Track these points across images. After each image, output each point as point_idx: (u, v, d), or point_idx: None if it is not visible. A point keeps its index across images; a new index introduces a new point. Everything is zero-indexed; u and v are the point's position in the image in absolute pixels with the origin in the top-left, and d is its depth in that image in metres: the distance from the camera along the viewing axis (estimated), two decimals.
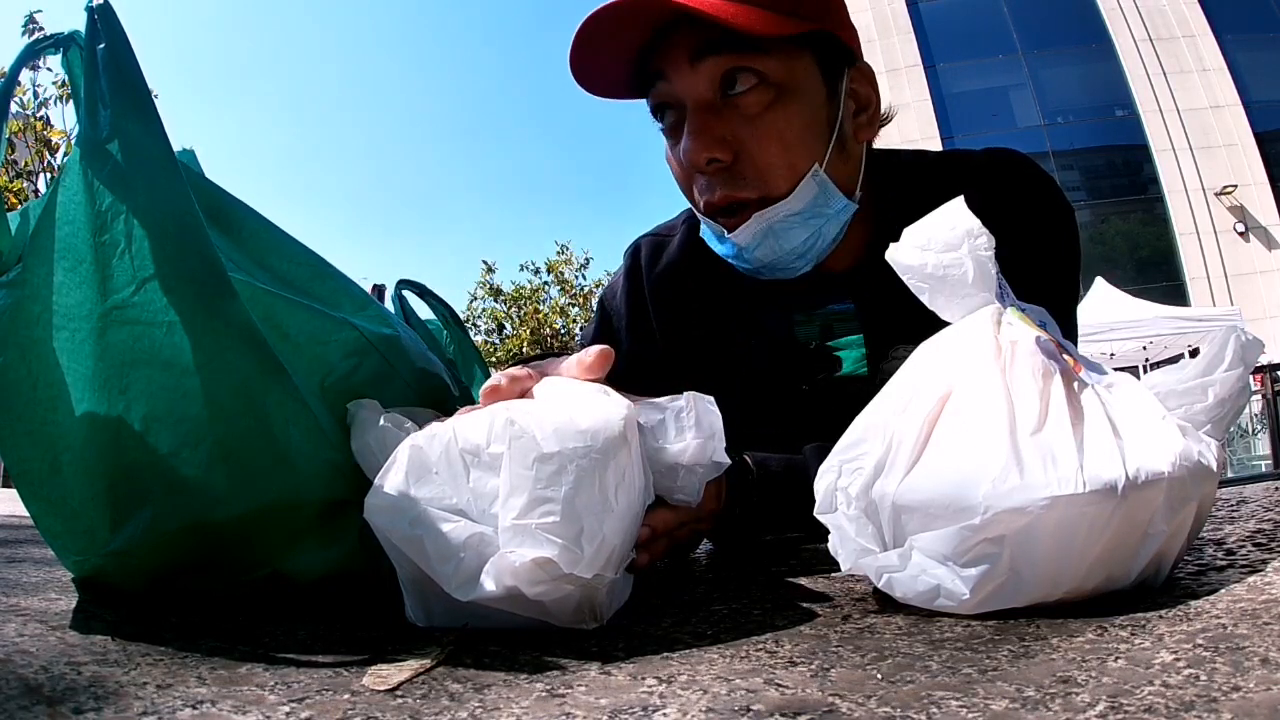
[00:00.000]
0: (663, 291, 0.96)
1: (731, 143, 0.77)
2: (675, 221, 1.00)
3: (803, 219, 0.79)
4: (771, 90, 0.77)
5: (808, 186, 0.78)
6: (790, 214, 0.78)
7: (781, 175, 0.78)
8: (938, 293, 0.55)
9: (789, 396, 0.88)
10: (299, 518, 0.54)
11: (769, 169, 0.77)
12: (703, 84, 0.77)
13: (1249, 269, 12.72)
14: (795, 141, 0.78)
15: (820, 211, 0.79)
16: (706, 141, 0.76)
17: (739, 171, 0.78)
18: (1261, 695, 0.30)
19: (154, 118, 0.52)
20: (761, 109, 0.77)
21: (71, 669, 0.39)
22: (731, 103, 0.77)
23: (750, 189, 0.78)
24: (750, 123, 0.77)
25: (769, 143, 0.77)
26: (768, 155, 0.77)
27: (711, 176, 0.78)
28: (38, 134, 6.47)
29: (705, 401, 0.56)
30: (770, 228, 0.78)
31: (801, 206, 0.78)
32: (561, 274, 14.95)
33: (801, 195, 0.78)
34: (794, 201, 0.78)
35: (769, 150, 0.77)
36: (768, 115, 0.77)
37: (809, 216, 0.79)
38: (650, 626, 0.49)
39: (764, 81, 0.76)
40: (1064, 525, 0.44)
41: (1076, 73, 14.06)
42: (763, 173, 0.77)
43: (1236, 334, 0.53)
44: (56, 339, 0.52)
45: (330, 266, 0.63)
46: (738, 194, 0.78)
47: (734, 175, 0.78)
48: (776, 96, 0.77)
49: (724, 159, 0.77)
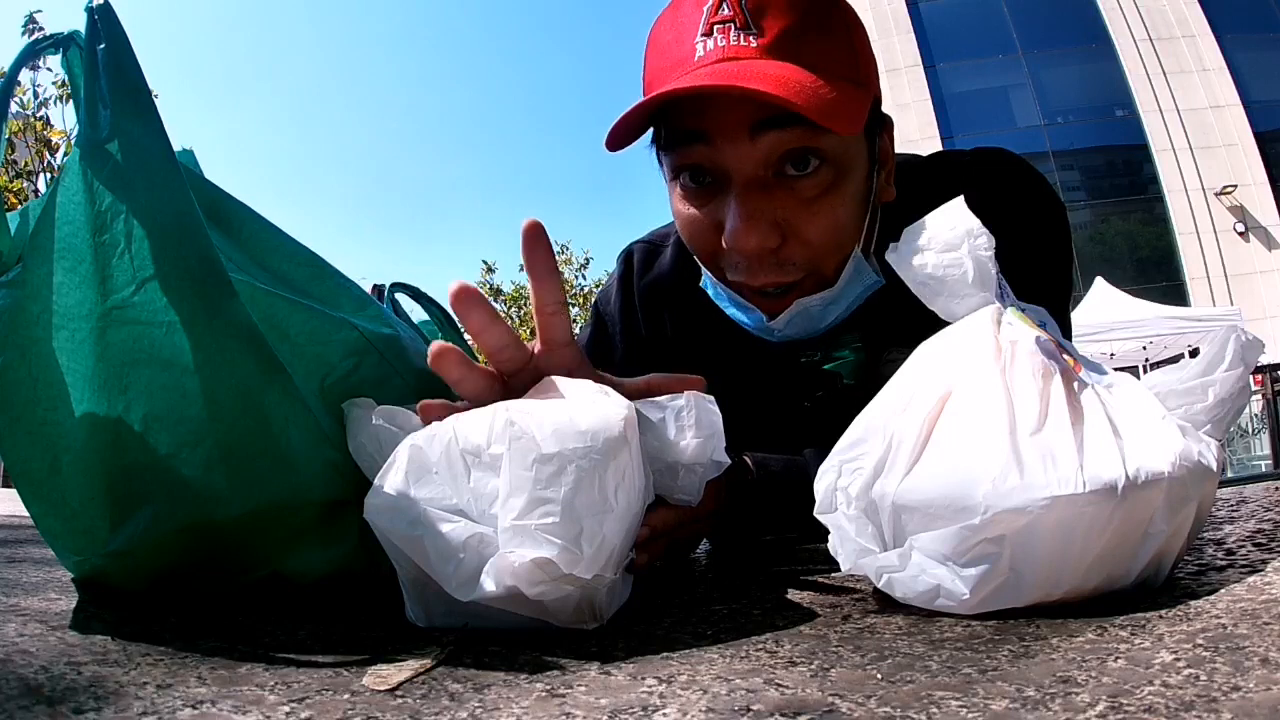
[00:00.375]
0: (652, 303, 0.94)
1: (782, 226, 0.70)
2: (670, 229, 0.97)
3: (837, 300, 0.75)
4: (831, 171, 0.70)
5: (848, 269, 0.74)
6: (827, 299, 0.74)
7: (831, 261, 0.73)
8: (938, 293, 0.55)
9: (789, 412, 0.87)
10: (299, 518, 0.54)
11: (821, 254, 0.72)
12: (758, 160, 0.69)
13: (1249, 269, 12.72)
14: (847, 224, 0.72)
15: (853, 290, 0.76)
16: (761, 228, 0.69)
17: (786, 256, 0.71)
18: (1261, 695, 0.30)
19: (154, 118, 0.52)
20: (820, 192, 0.70)
21: (71, 669, 0.39)
22: (786, 183, 0.70)
23: (795, 272, 0.72)
24: (806, 207, 0.70)
25: (825, 229, 0.71)
26: (823, 241, 0.71)
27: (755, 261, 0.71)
28: (38, 134, 6.47)
29: (705, 400, 0.56)
30: (806, 311, 0.74)
31: (840, 291, 0.74)
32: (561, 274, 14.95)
33: (842, 279, 0.74)
34: (835, 288, 0.74)
35: (824, 236, 0.71)
36: (825, 200, 0.70)
37: (844, 297, 0.75)
38: (650, 626, 0.49)
39: (824, 162, 0.69)
40: (1064, 525, 0.44)
41: (1076, 73, 14.06)
42: (813, 259, 0.72)
43: (1237, 334, 0.53)
44: (56, 339, 0.52)
45: (330, 266, 0.63)
46: (784, 279, 0.72)
47: (781, 260, 0.71)
48: (835, 178, 0.70)
49: (775, 245, 0.70)
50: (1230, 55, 13.26)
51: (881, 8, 14.48)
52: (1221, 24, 13.42)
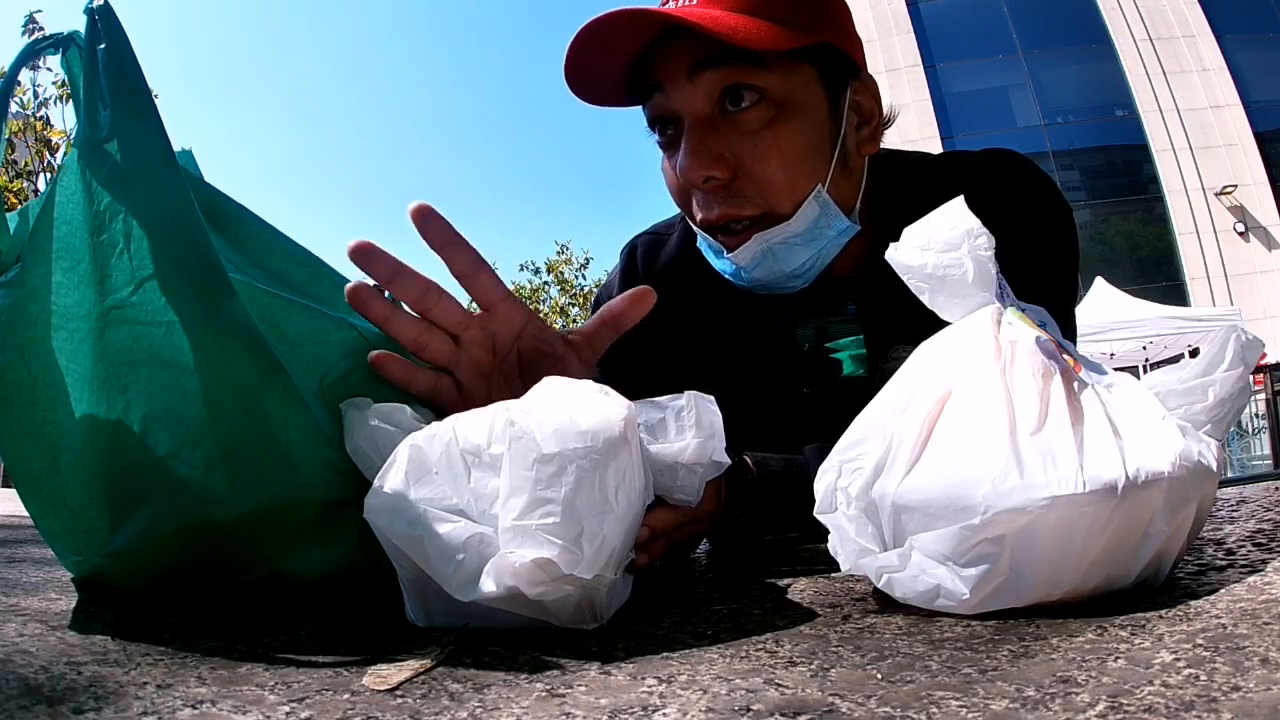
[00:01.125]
0: (659, 291, 0.96)
1: (730, 160, 0.75)
2: (673, 221, 0.99)
3: (804, 241, 0.77)
4: (772, 107, 0.75)
5: (810, 208, 0.77)
6: (791, 236, 0.77)
7: (783, 194, 0.76)
8: (938, 293, 0.55)
9: (789, 399, 0.88)
10: (299, 518, 0.54)
11: (770, 187, 0.76)
12: (700, 99, 0.75)
13: (1249, 269, 12.72)
14: (796, 159, 0.76)
15: (821, 234, 0.78)
16: (704, 159, 0.75)
17: (738, 189, 0.76)
18: (1261, 695, 0.30)
19: (153, 118, 0.52)
20: (761, 125, 0.75)
21: (71, 669, 0.39)
22: (731, 119, 0.75)
23: (751, 206, 0.76)
24: (750, 139, 0.75)
25: (770, 161, 0.75)
26: (768, 173, 0.75)
27: (709, 194, 0.77)
28: (38, 134, 6.47)
29: (705, 400, 0.56)
30: (770, 249, 0.77)
31: (803, 228, 0.77)
32: (561, 274, 14.95)
33: (804, 217, 0.76)
34: (796, 223, 0.76)
35: (770, 168, 0.75)
36: (768, 132, 0.75)
37: (810, 239, 0.77)
38: (650, 626, 0.49)
39: (764, 98, 0.75)
40: (1064, 525, 0.44)
41: (1076, 73, 14.06)
42: (764, 190, 0.76)
43: (1237, 334, 0.53)
44: (55, 339, 0.52)
45: (328, 266, 0.63)
46: (739, 212, 0.76)
47: (733, 193, 0.76)
48: (778, 113, 0.75)
49: (722, 177, 0.75)
50: (1230, 55, 13.26)
51: (881, 8, 14.48)
52: (1221, 24, 13.42)
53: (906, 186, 0.83)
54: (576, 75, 0.78)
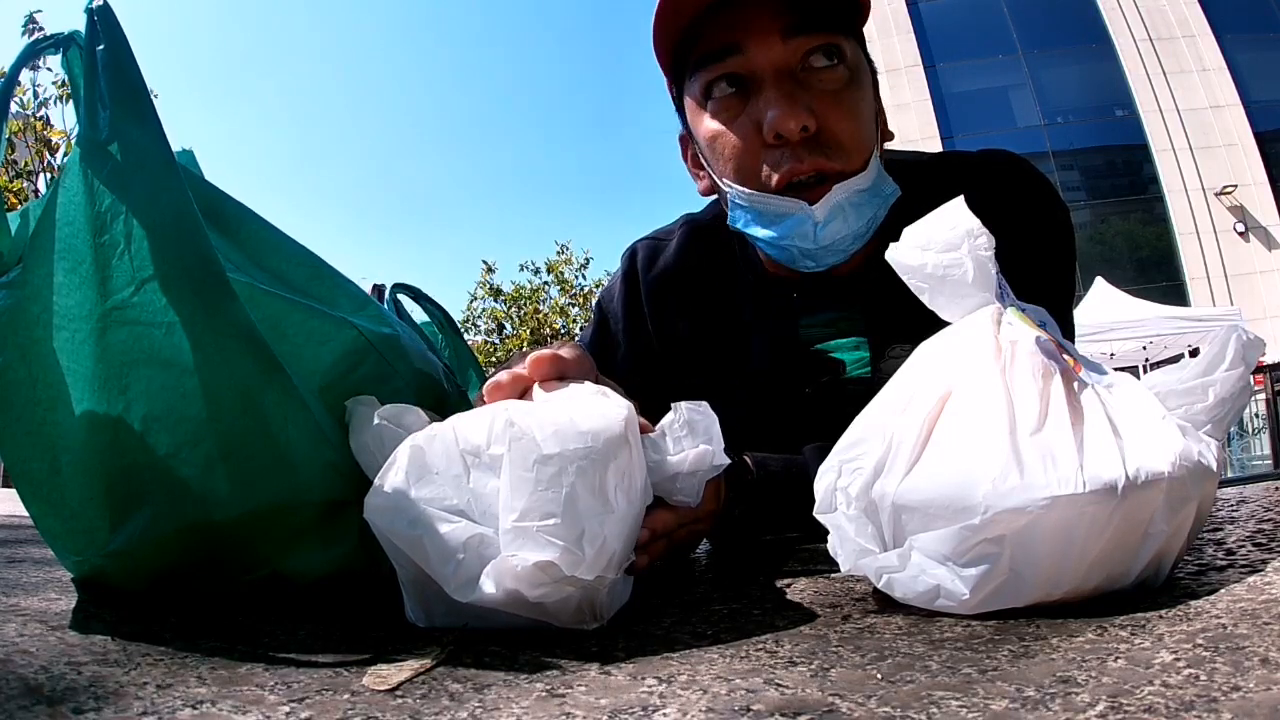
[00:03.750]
0: (659, 295, 0.96)
1: (816, 114, 0.78)
2: (672, 226, 1.00)
3: (869, 197, 0.79)
4: (848, 71, 0.79)
5: (874, 164, 0.80)
6: (861, 190, 0.79)
7: (858, 151, 0.79)
8: (938, 293, 0.55)
9: (791, 400, 0.88)
10: (298, 518, 0.54)
11: (850, 143, 0.79)
12: (789, 56, 0.78)
13: (1249, 269, 12.71)
14: (866, 121, 0.81)
15: (880, 191, 0.80)
16: (797, 110, 0.76)
17: (824, 141, 0.78)
18: (1261, 695, 0.30)
19: (153, 118, 0.52)
20: (840, 86, 0.79)
21: (71, 669, 0.39)
22: (813, 76, 0.78)
23: (836, 160, 0.78)
24: (832, 98, 0.78)
25: (849, 119, 0.79)
26: (849, 130, 0.79)
27: (798, 146, 0.78)
28: (38, 134, 6.47)
29: (696, 409, 0.56)
30: (846, 202, 0.78)
31: (870, 183, 0.79)
32: (561, 274, 14.95)
33: (870, 172, 0.79)
34: (865, 176, 0.79)
35: (850, 126, 0.79)
36: (847, 93, 0.79)
37: (873, 195, 0.80)
38: (650, 626, 0.49)
39: (843, 61, 0.79)
40: (1064, 525, 0.44)
41: (1076, 73, 14.05)
42: (844, 146, 0.79)
43: (1237, 334, 0.53)
44: (56, 339, 0.52)
45: (328, 266, 0.63)
46: (826, 164, 0.78)
47: (819, 145, 0.78)
48: (851, 77, 0.80)
49: (812, 127, 0.77)
50: (1230, 55, 13.25)
51: (881, 8, 14.47)
52: (1221, 24, 13.41)
53: (906, 186, 0.84)
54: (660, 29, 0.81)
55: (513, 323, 14.68)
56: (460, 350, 1.01)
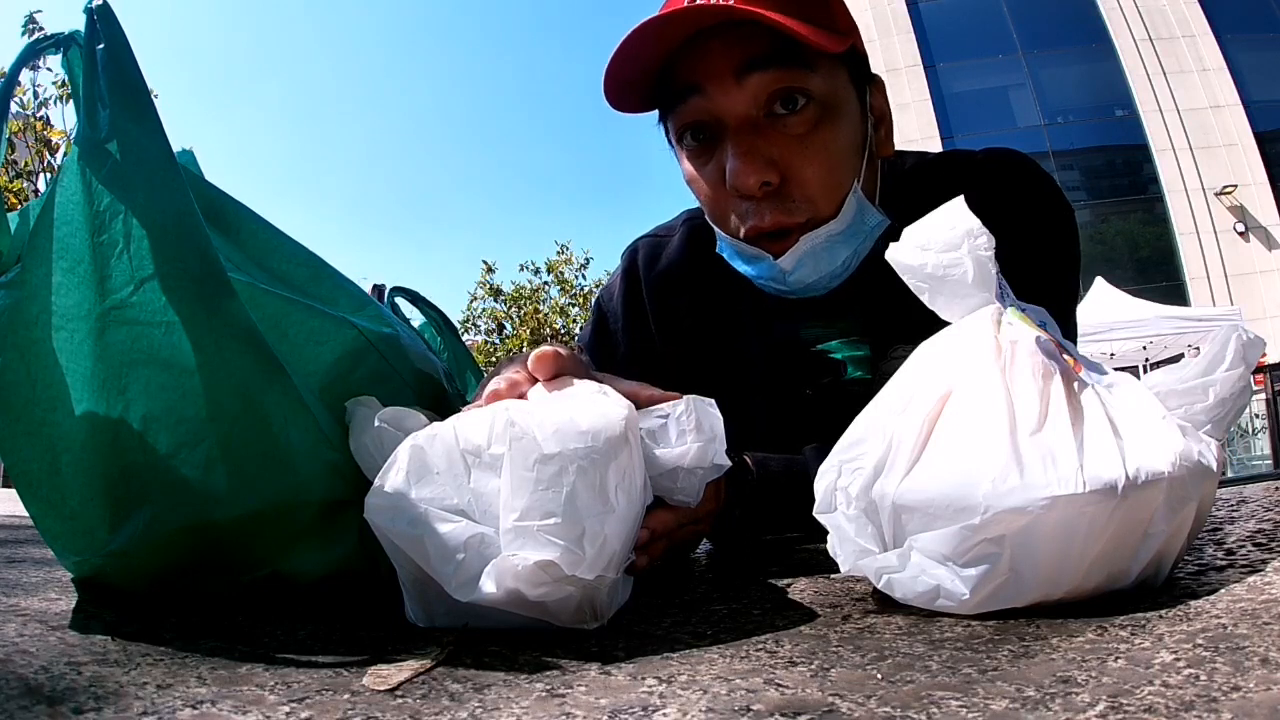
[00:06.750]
0: (661, 293, 0.96)
1: (779, 165, 0.74)
2: (674, 223, 0.99)
3: (844, 238, 0.77)
4: (818, 109, 0.74)
5: (849, 206, 0.77)
6: (833, 235, 0.77)
7: (829, 197, 0.76)
8: (938, 293, 0.55)
9: (792, 400, 0.88)
10: (298, 518, 0.54)
11: (818, 192, 0.75)
12: (746, 101, 0.74)
13: (1249, 269, 12.71)
14: (839, 161, 0.76)
15: (859, 229, 0.78)
16: (758, 164, 0.73)
17: (787, 194, 0.75)
18: (1261, 695, 0.30)
19: (153, 118, 0.52)
20: (808, 129, 0.74)
21: (71, 669, 0.39)
22: (778, 122, 0.74)
23: (799, 213, 0.75)
24: (798, 143, 0.74)
25: (817, 165, 0.74)
26: (816, 177, 0.75)
27: (760, 200, 0.75)
28: (38, 134, 6.47)
29: (705, 404, 0.56)
30: (814, 249, 0.77)
31: (844, 226, 0.77)
32: (561, 274, 14.95)
33: (845, 215, 0.76)
34: (838, 222, 0.76)
35: (818, 172, 0.75)
36: (815, 136, 0.74)
37: (850, 236, 0.78)
38: (650, 626, 0.49)
39: (811, 100, 0.74)
40: (1064, 525, 0.44)
41: (1076, 73, 14.05)
42: (811, 196, 0.75)
43: (1238, 333, 0.53)
44: (55, 339, 0.52)
45: (328, 266, 0.63)
46: (787, 220, 0.75)
47: (783, 198, 0.75)
48: (822, 115, 0.75)
49: (774, 182, 0.74)
50: (1230, 55, 13.25)
51: (881, 8, 14.48)
52: (1221, 24, 13.41)
53: (908, 186, 0.84)
54: (613, 80, 0.76)
55: (513, 323, 14.68)
56: (458, 352, 1.02)
